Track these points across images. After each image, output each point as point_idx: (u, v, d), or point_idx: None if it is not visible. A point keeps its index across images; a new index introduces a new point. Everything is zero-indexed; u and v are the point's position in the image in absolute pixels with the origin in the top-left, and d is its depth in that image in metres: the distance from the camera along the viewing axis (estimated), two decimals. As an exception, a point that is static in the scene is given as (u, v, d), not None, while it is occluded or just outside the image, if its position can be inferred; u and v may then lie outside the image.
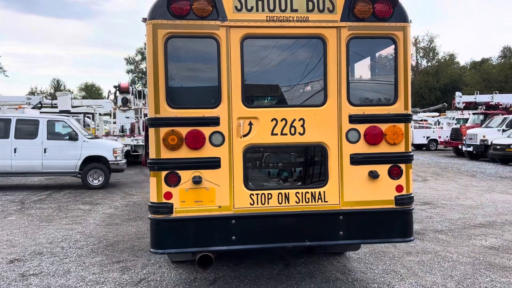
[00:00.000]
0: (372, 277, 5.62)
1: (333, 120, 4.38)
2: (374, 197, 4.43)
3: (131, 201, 12.00)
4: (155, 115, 4.20)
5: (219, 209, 4.27)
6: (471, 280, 5.45)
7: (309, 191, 4.37)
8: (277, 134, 4.32)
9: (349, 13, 4.32)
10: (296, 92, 4.58)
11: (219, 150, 4.26)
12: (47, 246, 7.45)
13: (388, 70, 4.52)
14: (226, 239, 4.26)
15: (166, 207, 4.20)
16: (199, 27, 4.20)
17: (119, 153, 14.26)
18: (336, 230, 4.38)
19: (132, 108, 22.21)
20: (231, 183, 4.28)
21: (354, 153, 4.40)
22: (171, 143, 4.17)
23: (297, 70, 4.57)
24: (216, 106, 4.27)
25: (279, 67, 4.54)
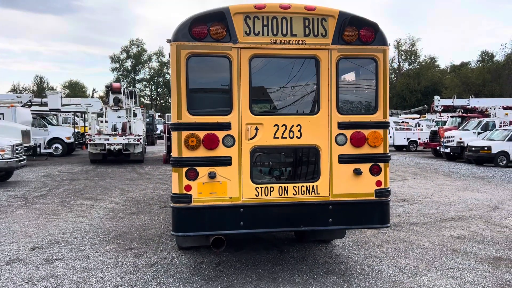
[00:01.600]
0: (355, 260, 6.54)
1: (324, 126, 5.27)
2: (358, 190, 5.34)
3: (129, 197, 12.72)
4: (178, 121, 5.03)
5: (230, 200, 5.11)
6: (438, 263, 6.41)
7: (304, 185, 5.25)
8: (278, 137, 5.19)
9: (339, 38, 5.22)
10: (294, 102, 5.45)
11: (230, 150, 5.11)
12: (61, 236, 8.18)
13: (370, 85, 5.42)
14: (235, 225, 5.11)
15: (186, 197, 5.03)
16: (215, 48, 5.04)
17: (8, 151, 13.70)
18: (326, 217, 5.27)
19: (123, 107, 22.82)
20: (240, 178, 5.13)
21: (341, 154, 5.30)
22: (191, 144, 5.00)
23: (295, 84, 5.44)
24: (228, 114, 5.12)
25: (280, 81, 5.41)
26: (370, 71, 5.41)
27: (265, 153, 5.29)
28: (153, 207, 11.08)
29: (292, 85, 5.44)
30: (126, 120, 22.49)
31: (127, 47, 74.94)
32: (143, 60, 75.61)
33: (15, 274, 6.09)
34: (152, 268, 6.25)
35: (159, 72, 75.91)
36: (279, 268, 6.15)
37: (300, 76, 5.43)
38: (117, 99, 22.28)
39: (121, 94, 22.61)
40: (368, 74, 5.45)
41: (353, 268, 6.17)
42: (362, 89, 5.59)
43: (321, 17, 5.18)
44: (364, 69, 5.49)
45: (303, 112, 5.35)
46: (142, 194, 13.20)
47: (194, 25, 4.95)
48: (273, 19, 5.10)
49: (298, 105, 5.45)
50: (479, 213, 10.30)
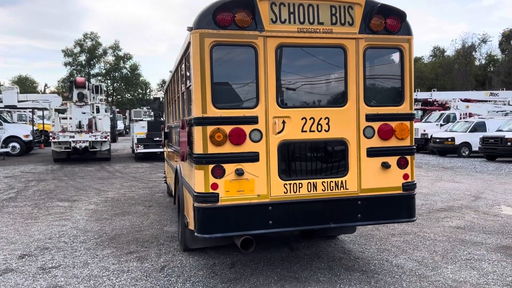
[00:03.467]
0: (370, 255, 6.42)
1: (352, 119, 5.07)
2: (386, 184, 5.19)
3: (108, 197, 12.10)
4: (203, 115, 4.67)
5: (258, 198, 4.83)
6: (452, 254, 6.41)
7: (333, 180, 5.04)
8: (306, 131, 4.95)
9: (366, 27, 5.03)
10: (321, 94, 5.22)
11: (257, 146, 4.82)
12: (48, 241, 7.58)
13: (396, 76, 5.28)
14: (264, 224, 4.83)
15: (213, 196, 4.69)
16: (240, 37, 4.72)
17: None
18: (355, 213, 5.10)
19: (88, 103, 21.80)
20: (268, 174, 4.85)
21: (370, 147, 5.13)
22: (217, 140, 4.66)
23: (322, 75, 5.21)
24: (255, 107, 4.82)
25: (307, 72, 5.16)
26: (395, 61, 5.26)
27: (293, 147, 5.03)
28: (137, 207, 10.56)
29: (319, 76, 5.20)
30: (92, 116, 21.51)
31: (80, 40, 72.02)
32: (98, 54, 72.94)
33: (11, 286, 5.52)
34: (163, 273, 5.86)
35: (115, 67, 73.54)
36: (298, 267, 5.93)
37: (327, 67, 5.20)
38: (81, 94, 21.24)
39: (85, 89, 21.58)
40: (394, 65, 5.30)
41: (372, 264, 6.04)
42: (388, 80, 5.44)
43: (348, 5, 4.97)
44: (389, 59, 5.34)
45: (330, 104, 5.12)
46: (120, 194, 12.61)
47: (219, 11, 4.61)
48: (299, 6, 4.84)
49: (325, 97, 5.23)
50: (465, 202, 10.52)
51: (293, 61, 5.06)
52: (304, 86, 5.19)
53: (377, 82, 5.34)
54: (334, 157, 5.20)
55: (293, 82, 5.09)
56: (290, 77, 5.05)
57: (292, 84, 5.10)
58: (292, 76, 5.06)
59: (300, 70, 5.12)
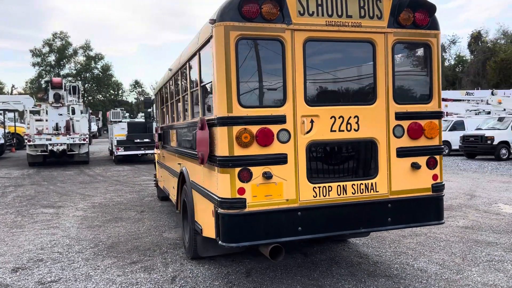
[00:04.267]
0: (388, 259, 6.19)
1: (382, 117, 4.82)
2: (416, 186, 4.96)
3: (95, 202, 11.53)
4: (228, 114, 4.31)
5: (286, 202, 4.51)
6: (471, 256, 6.25)
7: (363, 183, 4.77)
8: (335, 130, 4.65)
9: (394, 21, 4.78)
10: (350, 91, 4.94)
11: (285, 147, 4.49)
12: (41, 252, 7.05)
13: (424, 72, 5.06)
14: (293, 230, 4.51)
15: (240, 202, 4.34)
16: (267, 30, 4.39)
17: None
18: (386, 216, 4.84)
19: (65, 104, 20.94)
20: (297, 178, 4.54)
21: (399, 147, 4.88)
22: (244, 141, 4.32)
23: (350, 71, 4.93)
24: (282, 105, 4.50)
25: (335, 68, 4.87)
26: (423, 57, 5.04)
27: (322, 148, 4.73)
28: (129, 212, 10.07)
29: (347, 72, 4.92)
30: (69, 118, 20.67)
31: (49, 40, 69.77)
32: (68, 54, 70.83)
33: (11, 304, 5.03)
34: (176, 284, 5.46)
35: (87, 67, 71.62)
36: (318, 274, 5.63)
37: (355, 62, 4.93)
38: (57, 95, 20.38)
39: (62, 90, 20.73)
40: (422, 61, 5.08)
41: (393, 268, 5.81)
42: (416, 76, 5.21)
43: None
44: (417, 55, 5.12)
45: (359, 102, 4.85)
46: (107, 199, 12.05)
47: (245, 3, 4.26)
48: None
49: (354, 94, 4.95)
50: (462, 201, 10.49)
51: (321, 56, 4.77)
52: (332, 83, 4.90)
53: (405, 79, 5.10)
54: (363, 158, 4.93)
55: (321, 79, 4.80)
56: (318, 73, 4.75)
57: (320, 81, 4.80)
58: (320, 72, 4.76)
59: (328, 66, 4.82)
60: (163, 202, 11.19)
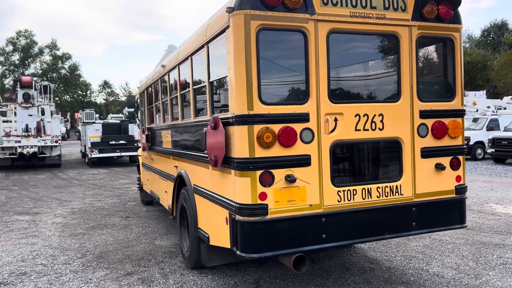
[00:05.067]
0: (400, 264, 5.93)
1: (406, 115, 4.53)
2: (440, 188, 4.70)
3: (74, 208, 10.87)
4: (249, 112, 3.92)
5: (310, 208, 4.15)
6: (483, 259, 6.06)
7: (388, 185, 4.47)
8: (360, 130, 4.33)
9: (418, 13, 4.51)
10: (374, 87, 4.64)
11: (309, 147, 4.14)
12: (22, 264, 6.44)
13: (447, 68, 4.81)
14: (317, 238, 4.16)
15: (262, 208, 3.95)
16: (289, 20, 4.02)
17: None
18: (410, 221, 4.56)
19: (35, 104, 19.94)
20: (320, 181, 4.19)
21: (423, 147, 4.61)
22: (266, 141, 3.94)
23: (374, 66, 4.63)
24: (305, 102, 4.14)
25: (358, 62, 4.56)
26: (446, 52, 4.79)
27: (346, 149, 4.40)
28: (113, 218, 9.49)
29: (370, 67, 4.61)
30: (40, 119, 19.68)
31: (13, 38, 67.16)
32: (34, 53, 68.35)
33: (-3, 327, 4.46)
34: (180, 298, 5.02)
35: (53, 67, 69.31)
36: (332, 282, 5.30)
37: (379, 57, 4.63)
38: (27, 95, 19.39)
39: (32, 89, 19.71)
40: (445, 56, 4.83)
41: (409, 273, 5.55)
42: (439, 72, 4.96)
43: None
44: (440, 50, 4.86)
45: (384, 99, 4.55)
46: (87, 204, 11.40)
47: None
48: None
49: (378, 91, 4.64)
50: (454, 202, 10.40)
51: (344, 49, 4.44)
52: (355, 78, 4.58)
53: (428, 75, 4.84)
54: (388, 159, 4.63)
55: (344, 74, 4.47)
56: (341, 68, 4.42)
57: (344, 76, 4.47)
58: (343, 67, 4.44)
59: (351, 60, 4.52)
60: (148, 207, 10.65)
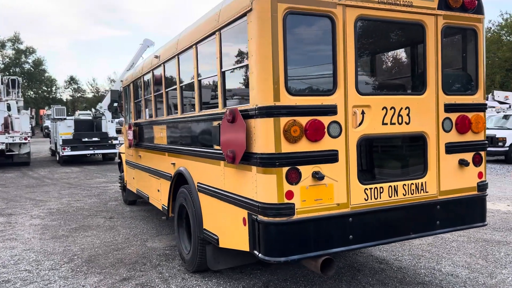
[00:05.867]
0: (410, 264, 5.75)
1: (431, 109, 4.32)
2: (462, 185, 4.52)
3: (51, 208, 10.25)
4: (275, 103, 3.60)
5: (337, 207, 3.87)
6: (492, 257, 5.95)
7: (413, 182, 4.24)
8: (387, 123, 4.09)
9: (444, 2, 4.30)
10: (400, 79, 4.40)
11: (336, 142, 3.85)
12: (4, 271, 5.91)
13: (470, 60, 4.63)
14: (344, 239, 3.89)
15: (288, 208, 3.64)
16: (317, 4, 3.72)
17: None
18: (434, 220, 4.35)
19: (2, 99, 18.89)
20: (348, 178, 3.92)
21: (448, 142, 4.41)
22: (293, 135, 3.62)
23: (400, 56, 4.39)
24: (333, 93, 3.85)
25: (385, 52, 4.31)
26: (469, 43, 4.61)
27: (373, 144, 4.15)
28: (96, 219, 8.96)
29: (397, 58, 4.37)
30: (8, 115, 18.66)
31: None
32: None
33: None
34: (187, 305, 4.65)
35: (16, 61, 66.63)
36: (346, 285, 5.05)
37: (405, 46, 4.39)
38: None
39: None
40: (468, 48, 4.64)
41: (422, 274, 5.37)
42: (462, 65, 4.77)
43: None
44: (463, 41, 4.67)
45: (410, 92, 4.31)
46: (65, 204, 10.78)
47: None
48: None
49: (404, 82, 4.41)
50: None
51: (371, 38, 4.18)
52: (381, 68, 4.33)
53: (452, 67, 4.65)
54: (413, 155, 4.41)
55: (371, 63, 4.21)
56: (368, 56, 4.16)
57: (370, 66, 4.21)
58: (370, 55, 4.18)
59: (378, 49, 4.26)
60: (132, 206, 10.15)
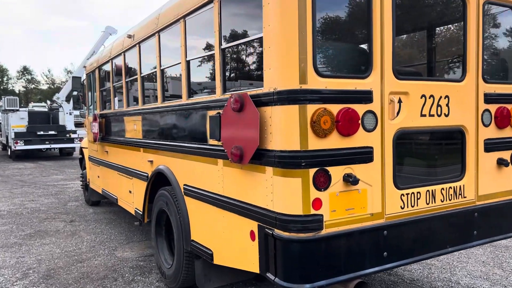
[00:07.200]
0: (422, 274, 5.12)
1: (471, 99, 3.64)
2: (501, 188, 3.88)
3: (1, 210, 9.04)
4: (301, 86, 2.79)
5: (371, 218, 3.12)
6: (506, 264, 5.42)
7: (451, 186, 3.56)
8: (425, 115, 3.37)
9: None
10: (438, 62, 3.69)
11: (371, 137, 3.10)
12: None
13: (509, 43, 4.00)
14: (377, 257, 3.15)
15: (316, 220, 2.86)
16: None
17: None
18: (471, 230, 3.69)
19: None
20: (383, 182, 3.18)
21: (487, 138, 3.76)
22: (323, 127, 2.84)
23: (438, 35, 3.67)
24: (367, 76, 3.09)
25: (422, 30, 3.58)
26: (509, 25, 3.96)
27: (409, 140, 3.43)
28: (55, 223, 7.87)
29: (435, 37, 3.65)
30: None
31: None
32: None
33: None
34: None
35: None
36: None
37: (444, 24, 3.69)
38: None
39: None
40: (506, 29, 4.00)
41: (439, 286, 4.74)
42: (503, 48, 4.11)
43: None
44: (504, 20, 4.02)
45: (448, 78, 3.62)
46: (17, 205, 9.57)
47: None
48: None
49: (442, 67, 3.70)
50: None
51: (409, 12, 3.44)
52: (418, 49, 3.61)
53: (492, 51, 3.99)
54: (451, 153, 3.73)
55: (407, 42, 3.48)
56: (404, 35, 3.42)
57: (407, 45, 3.48)
58: (406, 33, 3.44)
59: (415, 27, 3.52)
60: (96, 208, 9.09)
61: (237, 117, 3.17)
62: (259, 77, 3.14)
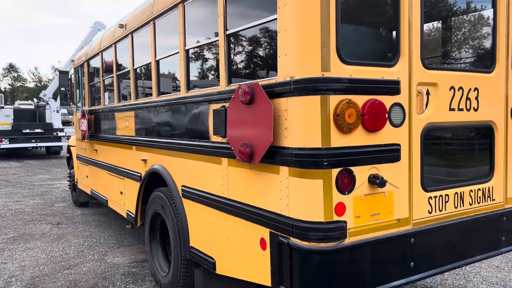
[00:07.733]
0: (436, 282, 4.81)
1: (500, 91, 3.32)
2: (528, 190, 3.57)
3: (-17, 211, 8.55)
4: (323, 74, 2.43)
5: (397, 224, 2.78)
6: None
7: (480, 188, 3.23)
8: (454, 109, 3.04)
9: None
10: (467, 51, 3.36)
11: (398, 133, 2.76)
12: None
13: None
14: (403, 268, 2.81)
15: (340, 228, 2.51)
16: None
17: None
18: (499, 235, 3.38)
19: None
20: (410, 183, 2.83)
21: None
22: (348, 122, 2.48)
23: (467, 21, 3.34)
24: (394, 64, 2.74)
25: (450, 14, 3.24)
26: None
27: (437, 136, 3.09)
28: (40, 225, 7.43)
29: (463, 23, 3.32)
30: None
31: None
32: None
33: None
34: None
35: None
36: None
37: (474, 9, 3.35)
38: None
39: None
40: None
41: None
42: None
43: None
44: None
45: (477, 68, 3.29)
46: (0, 206, 9.08)
47: None
48: None
49: (471, 55, 3.37)
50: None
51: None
52: (447, 35, 3.27)
53: None
54: (479, 151, 3.40)
55: (435, 28, 3.14)
56: (432, 19, 3.08)
57: (435, 32, 3.14)
58: (434, 19, 3.10)
59: (442, 10, 3.18)
60: (84, 209, 8.65)
61: (247, 111, 2.80)
62: (270, 66, 2.78)
